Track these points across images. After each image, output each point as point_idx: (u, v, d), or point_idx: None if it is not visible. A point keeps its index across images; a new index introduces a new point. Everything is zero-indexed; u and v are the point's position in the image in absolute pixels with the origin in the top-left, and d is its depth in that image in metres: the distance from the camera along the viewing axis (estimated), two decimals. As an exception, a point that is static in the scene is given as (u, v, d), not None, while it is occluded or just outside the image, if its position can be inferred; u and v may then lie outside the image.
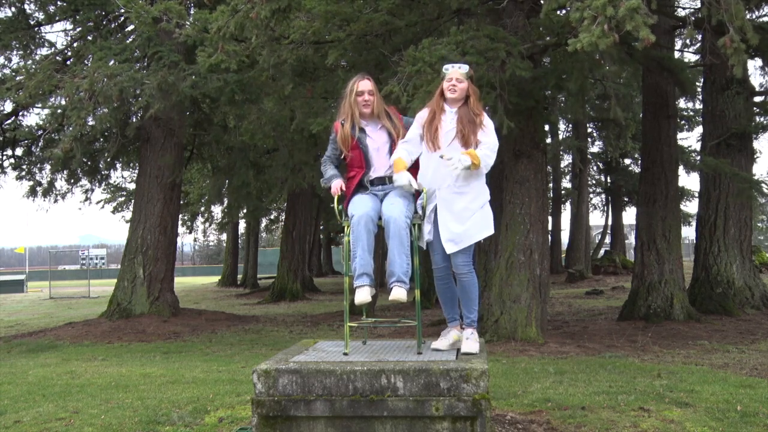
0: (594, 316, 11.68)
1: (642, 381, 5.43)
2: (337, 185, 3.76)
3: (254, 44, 7.74)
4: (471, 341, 3.57)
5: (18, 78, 10.99)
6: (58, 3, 12.39)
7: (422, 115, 3.78)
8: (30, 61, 12.05)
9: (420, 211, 3.73)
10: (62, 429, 4.53)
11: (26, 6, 12.62)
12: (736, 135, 10.92)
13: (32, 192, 14.27)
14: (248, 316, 13.94)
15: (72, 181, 14.69)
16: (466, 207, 3.60)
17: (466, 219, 3.59)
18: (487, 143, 3.65)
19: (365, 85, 3.78)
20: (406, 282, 3.55)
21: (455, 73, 3.69)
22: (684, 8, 11.42)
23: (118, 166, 16.27)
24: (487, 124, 3.71)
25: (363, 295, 3.54)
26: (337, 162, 3.90)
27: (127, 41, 11.62)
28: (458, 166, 3.50)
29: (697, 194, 12.22)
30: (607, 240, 29.83)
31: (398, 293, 3.52)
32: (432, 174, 3.65)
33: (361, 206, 3.64)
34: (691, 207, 25.13)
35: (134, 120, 12.23)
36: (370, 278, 3.60)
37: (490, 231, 3.71)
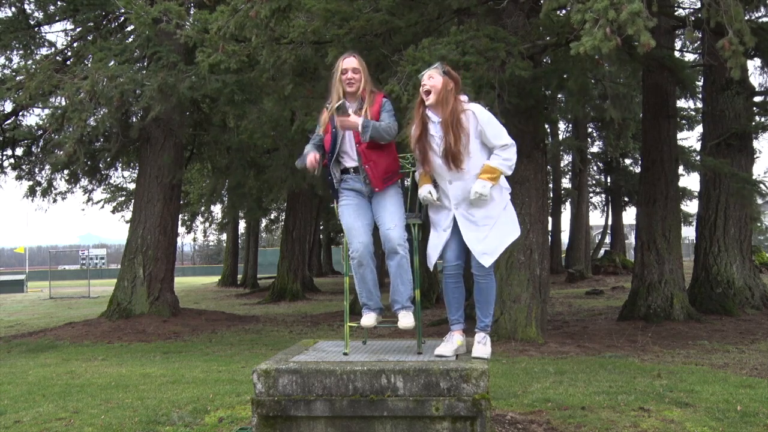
0: (594, 316, 11.68)
1: (642, 381, 5.43)
2: (311, 159, 3.52)
3: (254, 44, 7.74)
4: (482, 345, 3.48)
5: (18, 78, 10.99)
6: (58, 3, 12.39)
7: (412, 130, 3.58)
8: (30, 61, 12.05)
9: (419, 211, 3.73)
10: (62, 429, 4.53)
11: (26, 6, 12.63)
12: (736, 135, 10.92)
13: (32, 192, 14.27)
14: (248, 316, 13.94)
15: (72, 181, 14.70)
16: (487, 215, 3.47)
17: (491, 227, 3.47)
18: (502, 146, 3.43)
19: (349, 62, 3.59)
20: (411, 306, 3.55)
21: (426, 73, 3.49)
22: (684, 8, 11.42)
23: (118, 166, 16.27)
24: (487, 121, 3.43)
25: (370, 320, 3.55)
26: (320, 145, 3.68)
27: (127, 41, 11.63)
28: (477, 197, 3.39)
29: (697, 194, 12.23)
30: (607, 240, 29.83)
31: (407, 321, 3.49)
32: (449, 191, 3.51)
33: (356, 234, 3.49)
34: (691, 207, 25.15)
35: (135, 120, 12.24)
36: (379, 309, 3.61)
37: (517, 232, 3.59)
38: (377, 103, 3.57)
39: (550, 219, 20.73)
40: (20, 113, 13.25)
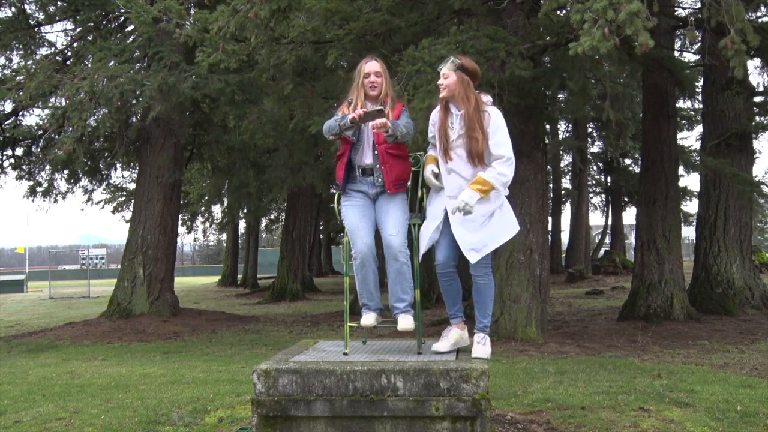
0: (594, 316, 11.68)
1: (642, 381, 5.43)
2: (354, 114, 3.45)
3: (254, 44, 7.74)
4: (482, 345, 3.47)
5: (18, 78, 10.99)
6: (58, 3, 12.39)
7: (434, 118, 3.66)
8: (30, 61, 12.05)
9: (419, 211, 3.73)
10: (62, 429, 4.53)
11: (26, 6, 12.62)
12: (736, 135, 10.93)
13: (32, 192, 14.27)
14: (248, 316, 13.94)
15: (72, 181, 14.70)
16: (479, 212, 3.45)
17: (482, 225, 3.46)
18: (498, 159, 3.43)
19: (372, 66, 3.62)
20: (411, 310, 3.54)
21: (442, 70, 3.54)
22: (684, 8, 11.43)
23: (118, 166, 16.28)
24: (496, 128, 3.45)
25: (369, 320, 3.57)
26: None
27: (128, 41, 11.63)
28: (467, 209, 3.37)
29: (697, 194, 12.23)
30: (607, 240, 29.83)
31: (406, 323, 3.47)
32: (443, 182, 3.56)
33: (359, 235, 3.50)
34: (691, 207, 25.17)
35: (134, 121, 12.24)
36: (379, 309, 3.63)
37: (512, 232, 3.57)
38: (398, 109, 3.63)
39: (550, 219, 20.74)
40: (20, 113, 13.24)
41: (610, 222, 29.08)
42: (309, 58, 8.54)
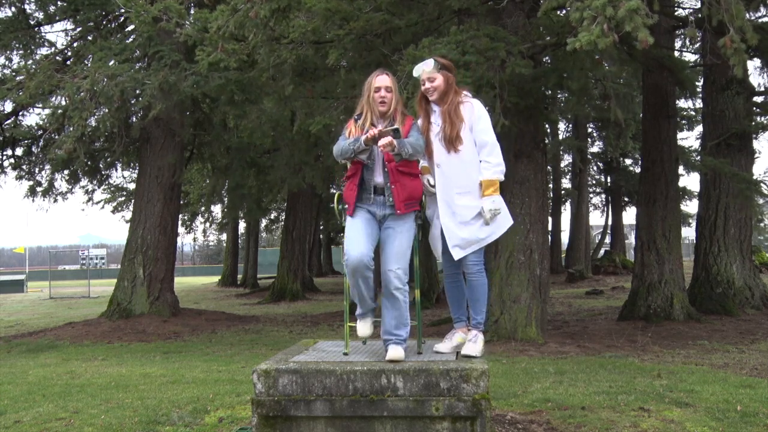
0: (594, 316, 11.68)
1: (642, 381, 5.43)
2: (369, 134, 3.37)
3: (253, 43, 7.74)
4: (472, 344, 3.47)
5: (18, 78, 10.99)
6: (58, 3, 12.39)
7: (419, 124, 3.69)
8: (30, 61, 12.05)
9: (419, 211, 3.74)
10: (62, 429, 4.53)
11: (26, 6, 12.62)
12: (736, 135, 10.93)
13: (32, 192, 14.27)
14: (248, 316, 13.94)
15: (72, 181, 14.69)
16: (466, 205, 3.49)
17: (469, 220, 3.48)
18: (483, 146, 3.51)
19: (382, 80, 3.52)
20: (401, 336, 3.43)
21: (425, 74, 3.58)
22: (684, 8, 11.43)
23: (119, 166, 16.27)
24: (479, 117, 3.56)
25: (365, 329, 3.58)
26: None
27: (128, 41, 11.63)
28: (492, 214, 3.46)
29: (697, 194, 12.23)
30: (607, 240, 29.83)
31: (396, 353, 3.31)
32: (435, 179, 3.59)
33: (355, 243, 3.41)
34: (691, 207, 25.15)
35: (135, 120, 12.24)
36: (371, 311, 3.61)
37: (501, 230, 3.58)
38: (408, 124, 3.56)
39: (550, 219, 20.73)
40: (20, 113, 13.24)
41: (610, 222, 29.08)
42: (309, 58, 8.54)
